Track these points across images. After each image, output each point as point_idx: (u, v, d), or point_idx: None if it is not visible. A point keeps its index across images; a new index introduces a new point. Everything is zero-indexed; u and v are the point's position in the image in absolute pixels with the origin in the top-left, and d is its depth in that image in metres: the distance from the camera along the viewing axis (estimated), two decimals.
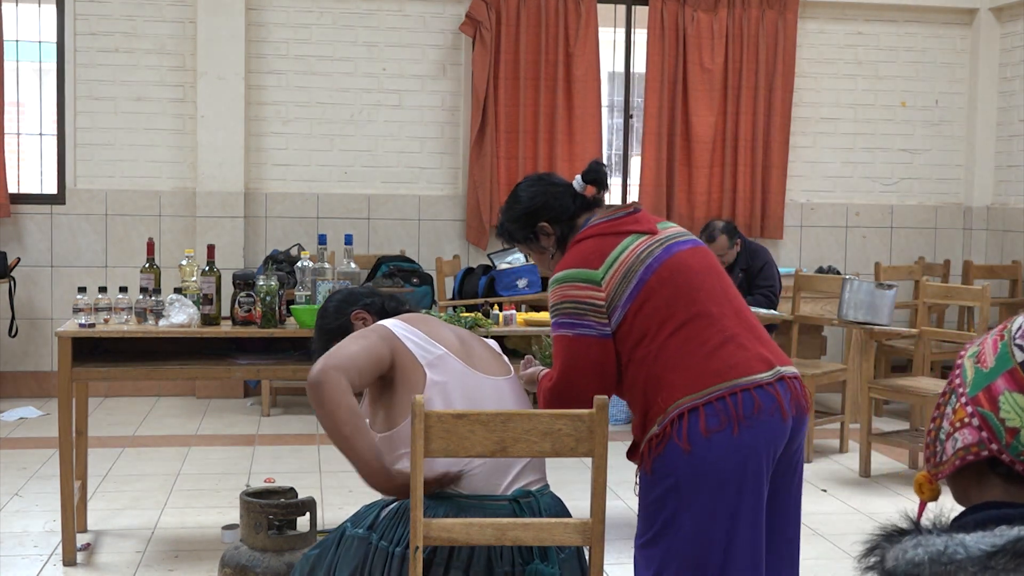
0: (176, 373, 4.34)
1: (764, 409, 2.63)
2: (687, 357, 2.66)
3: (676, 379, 2.64)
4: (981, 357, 1.38)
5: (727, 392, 2.62)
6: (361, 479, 2.64)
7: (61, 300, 7.51)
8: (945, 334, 6.54)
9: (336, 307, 3.07)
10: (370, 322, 2.98)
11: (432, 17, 7.86)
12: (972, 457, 1.36)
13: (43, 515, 4.91)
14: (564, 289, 2.74)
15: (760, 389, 2.64)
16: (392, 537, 2.60)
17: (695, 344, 2.67)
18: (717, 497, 2.60)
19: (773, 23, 8.03)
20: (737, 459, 2.60)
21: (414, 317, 2.88)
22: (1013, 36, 8.27)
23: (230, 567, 3.68)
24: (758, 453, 2.62)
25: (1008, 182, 8.32)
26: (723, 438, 2.59)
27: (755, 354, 2.69)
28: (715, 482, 2.60)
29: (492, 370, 2.83)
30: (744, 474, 2.61)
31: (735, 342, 2.69)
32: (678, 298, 2.71)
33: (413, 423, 2.41)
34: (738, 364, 2.65)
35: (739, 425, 2.60)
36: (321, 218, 7.78)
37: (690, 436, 2.59)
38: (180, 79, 7.62)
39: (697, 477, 2.60)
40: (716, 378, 2.63)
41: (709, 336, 2.68)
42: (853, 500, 5.46)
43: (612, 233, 2.81)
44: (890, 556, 1.28)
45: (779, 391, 2.67)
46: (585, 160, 7.84)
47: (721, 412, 2.60)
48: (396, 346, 2.70)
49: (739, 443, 2.60)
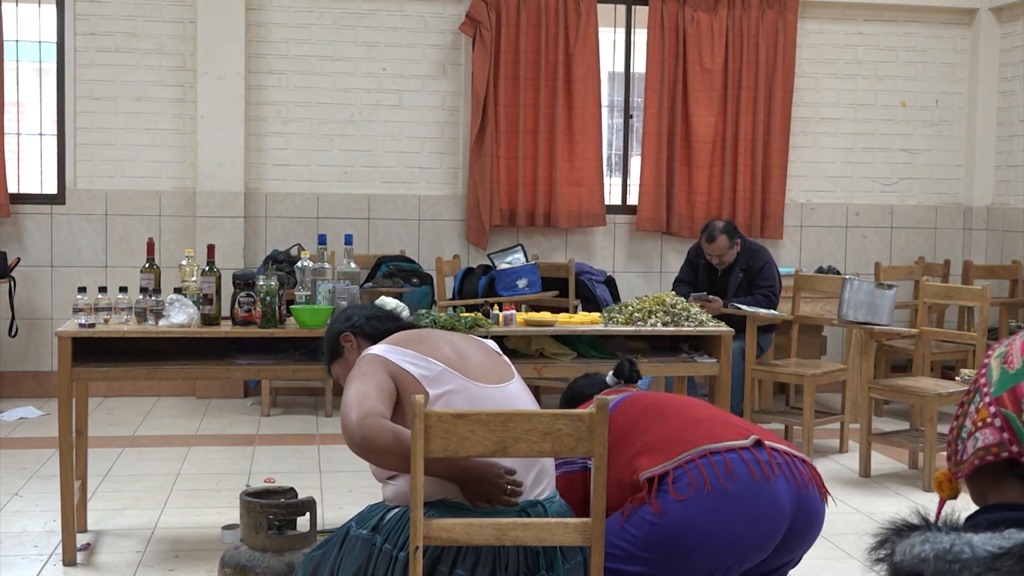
0: (176, 373, 4.34)
1: (737, 469, 2.59)
2: (665, 433, 2.71)
3: (654, 450, 2.69)
4: (1008, 358, 1.37)
5: (697, 456, 2.63)
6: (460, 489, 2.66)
7: (61, 300, 7.51)
8: (945, 334, 6.54)
9: (331, 327, 3.12)
10: (355, 345, 3.00)
11: (432, 17, 7.86)
12: (992, 457, 1.35)
13: (43, 515, 4.91)
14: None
15: (732, 452, 2.62)
16: (396, 541, 2.59)
17: (671, 426, 2.74)
18: (682, 559, 2.58)
19: (773, 23, 8.03)
20: (706, 520, 2.56)
21: (404, 337, 2.84)
22: (1013, 36, 8.27)
23: (230, 567, 3.68)
24: (734, 518, 2.57)
25: (1008, 182, 8.32)
26: (693, 500, 2.57)
27: (733, 427, 2.71)
28: (680, 544, 2.57)
29: (492, 378, 2.79)
30: (714, 537, 2.57)
31: (713, 420, 2.75)
32: (652, 408, 2.84)
33: (413, 423, 2.40)
34: (709, 433, 2.67)
35: (711, 485, 2.57)
36: (321, 218, 7.78)
37: (660, 499, 2.60)
38: (180, 79, 7.62)
39: (663, 539, 2.58)
40: (687, 444, 2.65)
41: (687, 417, 2.76)
42: (853, 500, 5.46)
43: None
44: (899, 550, 1.28)
45: (757, 454, 2.64)
46: (585, 160, 7.86)
47: (691, 474, 2.60)
48: (394, 371, 2.69)
49: (710, 504, 2.57)
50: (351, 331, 3.03)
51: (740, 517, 2.57)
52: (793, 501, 2.63)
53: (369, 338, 2.98)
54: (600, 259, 8.08)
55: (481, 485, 2.61)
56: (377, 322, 3.05)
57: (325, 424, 6.95)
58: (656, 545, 2.59)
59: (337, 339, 3.04)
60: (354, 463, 5.90)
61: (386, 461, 2.56)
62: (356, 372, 2.72)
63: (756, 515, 2.58)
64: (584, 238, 8.10)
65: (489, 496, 2.60)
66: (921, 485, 5.69)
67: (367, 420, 2.53)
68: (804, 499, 2.65)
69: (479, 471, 2.59)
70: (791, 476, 2.64)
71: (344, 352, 3.03)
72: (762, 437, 2.71)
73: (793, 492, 2.63)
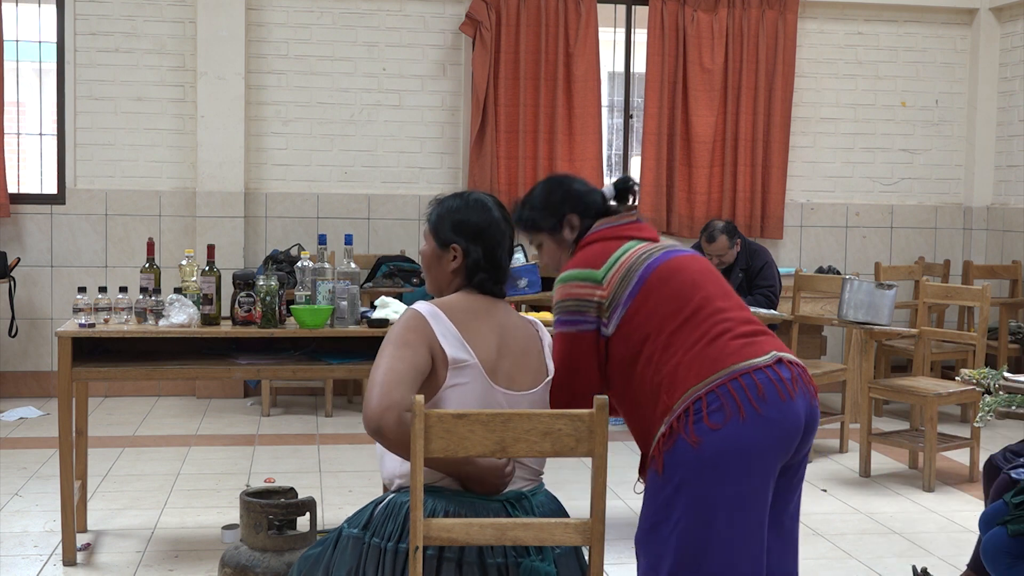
0: (176, 373, 4.33)
1: (768, 391, 2.66)
2: (689, 351, 2.71)
3: (681, 375, 2.69)
4: None
5: (727, 379, 2.66)
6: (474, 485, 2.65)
7: (61, 300, 7.51)
8: (945, 334, 6.54)
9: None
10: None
11: (432, 17, 7.86)
12: None
13: (43, 515, 4.91)
14: (567, 288, 2.84)
15: (759, 372, 2.68)
16: (384, 533, 2.60)
17: (695, 338, 2.72)
18: (722, 486, 2.63)
19: (773, 23, 8.03)
20: (743, 446, 2.63)
21: (464, 307, 2.75)
22: (1013, 36, 8.28)
23: (230, 567, 3.68)
24: (766, 440, 2.65)
25: (1008, 182, 8.33)
26: (730, 428, 2.62)
27: (751, 341, 2.75)
28: (722, 471, 2.63)
29: (522, 383, 2.75)
30: (750, 462, 2.64)
31: (732, 332, 2.74)
32: (677, 296, 2.77)
33: (413, 423, 2.40)
34: (734, 351, 2.70)
35: (745, 411, 2.63)
36: (321, 218, 7.78)
37: (696, 429, 2.63)
38: (180, 79, 7.62)
39: (704, 469, 2.63)
40: (715, 366, 2.68)
41: (707, 329, 2.73)
42: (853, 500, 5.46)
43: (614, 237, 2.91)
44: None
45: (780, 372, 2.71)
46: (585, 160, 7.87)
47: (724, 399, 2.64)
48: (432, 344, 2.65)
49: (745, 431, 2.63)
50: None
51: (771, 437, 2.66)
52: (807, 413, 2.74)
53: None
54: None
55: (484, 487, 2.63)
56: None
57: (325, 424, 6.95)
58: (695, 473, 2.63)
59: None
60: (354, 463, 5.91)
61: (396, 452, 2.59)
62: (398, 335, 2.65)
63: (783, 434, 2.68)
64: None
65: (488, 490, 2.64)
66: (921, 485, 5.68)
67: (388, 413, 2.53)
68: (813, 409, 2.77)
69: (485, 475, 2.62)
70: (805, 391, 2.74)
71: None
72: (776, 348, 2.77)
73: (807, 405, 2.74)
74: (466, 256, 2.81)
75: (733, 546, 2.65)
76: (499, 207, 2.86)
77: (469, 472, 2.62)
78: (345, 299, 4.39)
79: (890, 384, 6.03)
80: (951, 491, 5.65)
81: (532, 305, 6.76)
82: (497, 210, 2.85)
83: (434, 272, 2.87)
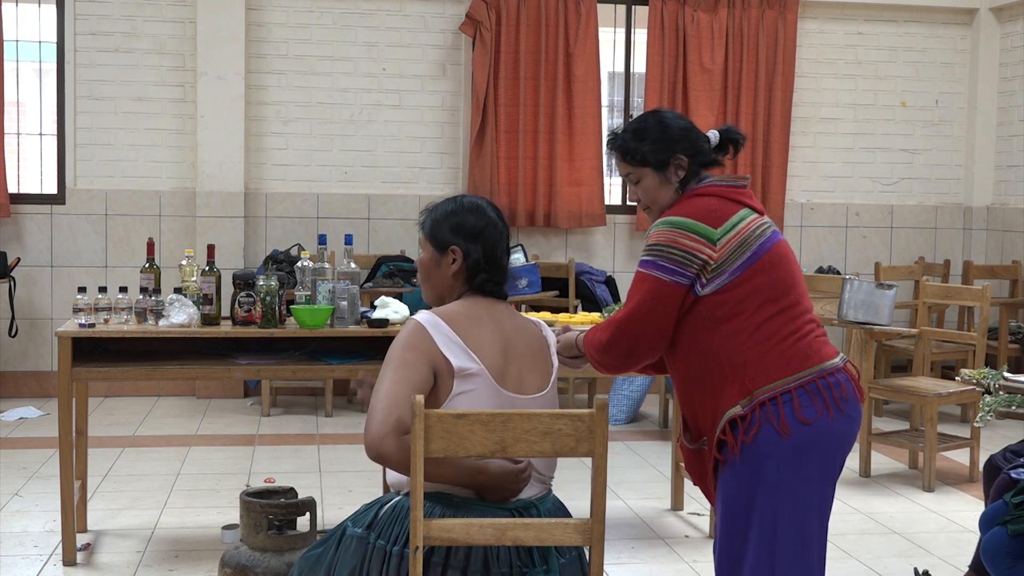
0: (176, 373, 4.33)
1: (849, 391, 2.76)
2: (780, 343, 2.73)
3: (770, 364, 2.70)
4: None
5: (816, 376, 2.71)
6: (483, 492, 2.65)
7: (61, 300, 7.51)
8: (945, 334, 6.54)
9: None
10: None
11: (432, 17, 7.86)
12: None
13: (43, 515, 4.91)
14: (676, 235, 2.73)
15: (840, 372, 2.76)
16: (389, 536, 2.60)
17: (788, 331, 2.74)
18: (810, 478, 2.72)
19: (773, 23, 8.03)
20: (831, 440, 2.73)
21: (465, 313, 2.73)
22: (1013, 36, 8.28)
23: (230, 567, 3.68)
24: (849, 436, 2.77)
25: (1008, 182, 8.33)
26: (821, 423, 2.70)
27: (827, 342, 2.83)
28: (811, 463, 2.71)
29: (531, 386, 2.74)
30: (835, 454, 2.76)
31: (815, 333, 2.80)
32: (779, 284, 2.77)
33: (413, 423, 2.40)
34: (819, 350, 2.76)
35: (832, 410, 2.71)
36: (321, 218, 7.78)
37: (788, 421, 2.68)
38: (180, 79, 7.62)
39: (792, 459, 2.69)
40: (806, 362, 2.72)
41: (799, 325, 2.77)
42: (853, 500, 5.46)
43: (732, 199, 2.80)
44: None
45: (851, 372, 2.81)
46: (585, 160, 7.87)
47: (813, 395, 2.70)
48: (435, 359, 2.63)
49: (832, 427, 2.71)
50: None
51: (851, 434, 2.78)
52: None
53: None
54: (600, 259, 8.08)
55: (500, 493, 2.63)
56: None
57: (325, 424, 6.95)
58: (783, 462, 2.69)
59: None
60: (354, 463, 5.90)
61: (400, 472, 2.62)
62: (398, 355, 2.63)
63: (855, 430, 2.79)
64: (584, 238, 8.10)
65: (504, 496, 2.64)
66: (921, 485, 5.68)
67: (387, 440, 2.54)
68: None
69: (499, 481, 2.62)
70: (859, 389, 2.83)
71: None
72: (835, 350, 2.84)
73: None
74: (466, 257, 2.78)
75: (811, 536, 2.77)
76: (493, 208, 2.85)
77: (483, 482, 2.61)
78: (345, 299, 4.39)
79: (890, 384, 6.03)
80: (951, 491, 5.65)
81: (532, 305, 6.76)
82: (491, 211, 2.83)
83: (433, 279, 2.83)
